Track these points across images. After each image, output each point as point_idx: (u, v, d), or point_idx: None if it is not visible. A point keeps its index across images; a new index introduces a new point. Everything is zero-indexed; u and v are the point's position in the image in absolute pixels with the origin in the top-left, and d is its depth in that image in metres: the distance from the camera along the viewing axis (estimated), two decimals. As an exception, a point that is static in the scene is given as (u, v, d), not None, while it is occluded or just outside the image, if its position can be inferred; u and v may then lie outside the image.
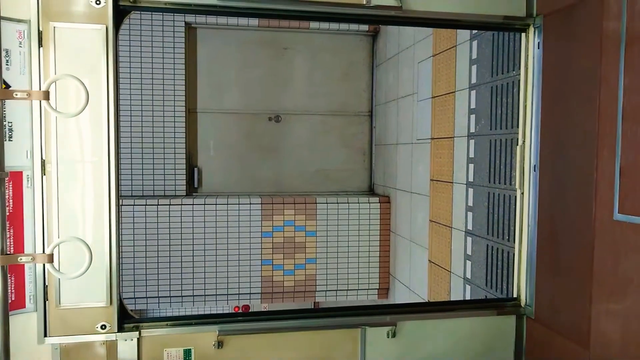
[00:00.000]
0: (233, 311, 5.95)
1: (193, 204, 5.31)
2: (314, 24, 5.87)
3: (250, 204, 5.41)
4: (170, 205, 5.27)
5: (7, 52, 2.19)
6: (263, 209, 5.43)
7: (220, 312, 6.03)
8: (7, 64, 2.20)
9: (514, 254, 2.89)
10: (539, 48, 2.63)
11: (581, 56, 2.33)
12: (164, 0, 2.37)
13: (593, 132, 2.23)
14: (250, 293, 5.50)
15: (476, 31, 3.75)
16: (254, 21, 5.78)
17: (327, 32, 5.99)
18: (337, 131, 6.12)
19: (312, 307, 6.10)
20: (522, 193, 2.75)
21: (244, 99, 5.90)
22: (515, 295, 2.79)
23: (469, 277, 3.89)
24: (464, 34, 3.96)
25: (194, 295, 5.40)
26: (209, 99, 5.83)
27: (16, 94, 1.84)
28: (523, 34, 2.70)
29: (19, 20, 2.22)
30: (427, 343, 2.70)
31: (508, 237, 3.35)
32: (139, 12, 5.18)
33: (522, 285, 2.77)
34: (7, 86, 2.19)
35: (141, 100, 5.49)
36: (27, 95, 1.87)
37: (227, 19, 5.74)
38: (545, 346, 2.58)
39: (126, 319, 2.41)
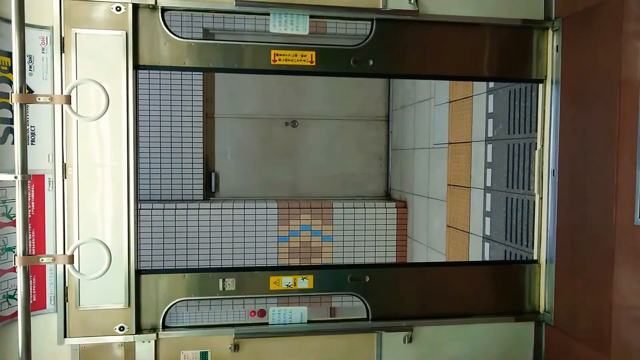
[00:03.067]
0: (250, 315, 5.96)
1: (210, 209, 5.35)
2: (330, 29, 5.88)
3: (266, 208, 5.43)
4: (187, 209, 5.31)
5: (30, 58, 2.24)
6: (279, 214, 5.44)
7: (237, 316, 6.04)
8: (30, 70, 2.25)
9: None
10: (557, 51, 2.60)
11: (601, 59, 2.30)
12: (182, 6, 2.41)
13: (613, 135, 2.19)
14: (266, 297, 5.50)
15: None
16: (271, 27, 5.80)
17: (344, 37, 6.00)
18: (354, 136, 6.11)
19: (328, 312, 6.08)
20: (541, 198, 2.71)
21: (260, 104, 5.93)
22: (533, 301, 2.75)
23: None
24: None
25: (210, 299, 5.42)
26: (227, 104, 5.88)
27: (39, 99, 1.88)
28: (542, 38, 2.68)
29: (41, 27, 2.27)
30: (443, 349, 2.67)
31: (527, 243, 3.31)
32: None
33: (540, 292, 2.73)
34: (30, 91, 2.24)
35: (160, 105, 5.55)
36: (49, 99, 1.91)
37: (244, 24, 5.79)
38: (565, 353, 2.54)
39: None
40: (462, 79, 3.57)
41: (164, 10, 2.38)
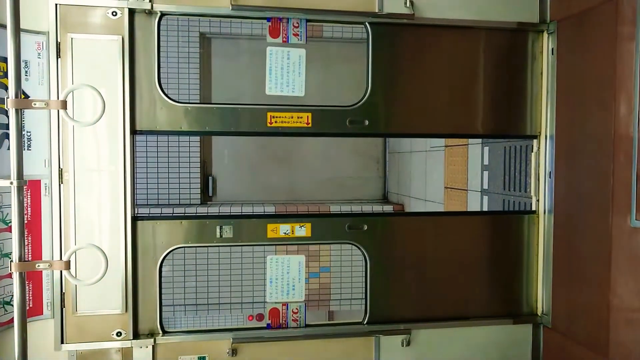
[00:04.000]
0: (247, 320, 5.95)
1: (207, 213, 5.34)
2: (327, 33, 5.89)
3: (264, 212, 5.42)
4: (185, 213, 5.30)
5: (26, 63, 2.24)
6: (277, 217, 5.43)
7: (235, 320, 6.02)
8: (26, 75, 2.25)
9: (529, 262, 2.85)
10: (552, 54, 2.61)
11: (596, 61, 2.31)
12: (178, 11, 2.41)
13: (609, 137, 2.20)
14: (264, 302, 5.49)
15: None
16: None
17: (340, 40, 6.01)
18: (351, 139, 6.11)
19: (327, 315, 6.07)
20: (538, 200, 2.72)
21: (257, 108, 5.93)
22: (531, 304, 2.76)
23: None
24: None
25: (208, 304, 5.40)
26: (223, 108, 5.87)
27: (35, 104, 1.88)
28: (537, 40, 2.69)
29: (37, 32, 2.27)
30: (441, 351, 2.67)
31: (524, 245, 3.31)
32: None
33: (538, 294, 2.73)
34: (26, 96, 2.24)
35: (156, 109, 5.54)
36: (45, 104, 1.91)
37: (240, 28, 5.79)
38: (563, 355, 2.54)
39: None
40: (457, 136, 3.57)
41: (160, 15, 2.38)
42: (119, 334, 2.37)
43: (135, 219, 2.41)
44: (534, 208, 2.74)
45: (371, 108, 2.58)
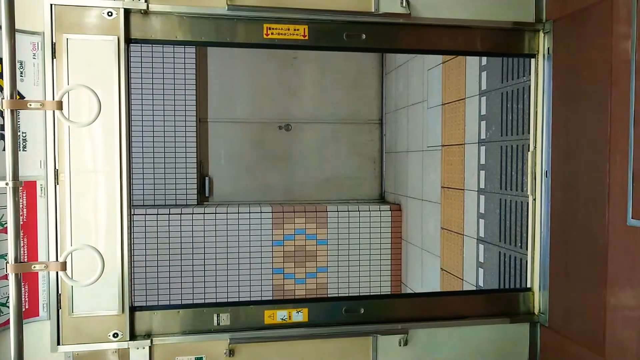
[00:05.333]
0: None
1: (204, 213, 5.33)
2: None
3: (261, 212, 5.42)
4: (181, 214, 5.30)
5: (21, 63, 2.23)
6: (274, 218, 5.43)
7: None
8: (21, 75, 2.24)
9: (526, 261, 2.86)
10: (549, 53, 2.62)
11: (591, 60, 2.32)
12: (174, 11, 2.40)
13: (605, 136, 2.21)
14: (261, 302, 5.49)
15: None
16: (264, 31, 5.81)
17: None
18: (348, 139, 6.12)
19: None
20: (534, 199, 2.73)
21: (254, 108, 5.93)
22: (528, 287, 2.76)
23: (482, 285, 3.86)
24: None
25: (205, 305, 5.39)
26: (220, 109, 5.87)
27: (30, 104, 1.87)
28: (533, 40, 2.69)
29: (32, 33, 2.26)
30: (439, 351, 2.67)
31: (520, 244, 3.32)
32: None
33: (535, 293, 2.74)
34: (22, 97, 2.23)
35: (152, 109, 5.54)
36: (41, 105, 1.90)
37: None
38: (560, 354, 2.55)
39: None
40: (456, 53, 3.59)
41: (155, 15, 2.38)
42: (115, 335, 2.37)
43: (132, 309, 2.41)
44: (530, 207, 2.74)
45: (368, 21, 2.55)
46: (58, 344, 2.33)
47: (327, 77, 6.06)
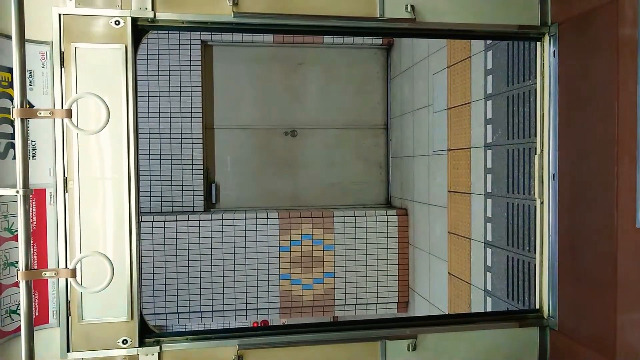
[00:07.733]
0: (252, 326, 5.94)
1: (211, 220, 5.35)
2: (328, 39, 5.92)
3: (267, 218, 5.43)
4: (188, 221, 5.31)
5: (30, 73, 2.26)
6: (280, 224, 5.44)
7: (240, 326, 6.02)
8: (30, 85, 2.26)
9: (535, 265, 2.85)
10: (554, 56, 2.62)
11: (598, 63, 2.32)
12: (180, 19, 2.42)
13: (612, 139, 2.20)
14: (269, 308, 5.49)
15: (490, 41, 3.75)
16: (269, 37, 5.85)
17: (341, 46, 6.04)
18: (353, 144, 6.13)
19: (331, 321, 6.06)
20: (542, 202, 2.72)
21: (259, 115, 5.95)
22: (537, 307, 2.74)
23: (490, 289, 3.84)
24: (478, 45, 3.96)
25: (213, 311, 5.40)
26: (226, 115, 5.90)
27: (40, 113, 1.89)
28: (538, 43, 2.69)
29: (41, 42, 2.28)
30: (448, 356, 2.66)
31: (529, 248, 3.31)
32: (156, 32, 5.29)
33: (544, 296, 2.72)
34: (31, 106, 2.25)
35: (159, 117, 5.58)
36: (50, 113, 1.92)
37: (242, 36, 5.82)
38: (570, 358, 2.53)
39: (147, 334, 2.43)
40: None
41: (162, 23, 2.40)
42: (124, 341, 2.38)
43: (142, 341, 2.41)
44: (538, 211, 2.73)
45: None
46: (68, 350, 2.34)
47: (333, 82, 6.08)
